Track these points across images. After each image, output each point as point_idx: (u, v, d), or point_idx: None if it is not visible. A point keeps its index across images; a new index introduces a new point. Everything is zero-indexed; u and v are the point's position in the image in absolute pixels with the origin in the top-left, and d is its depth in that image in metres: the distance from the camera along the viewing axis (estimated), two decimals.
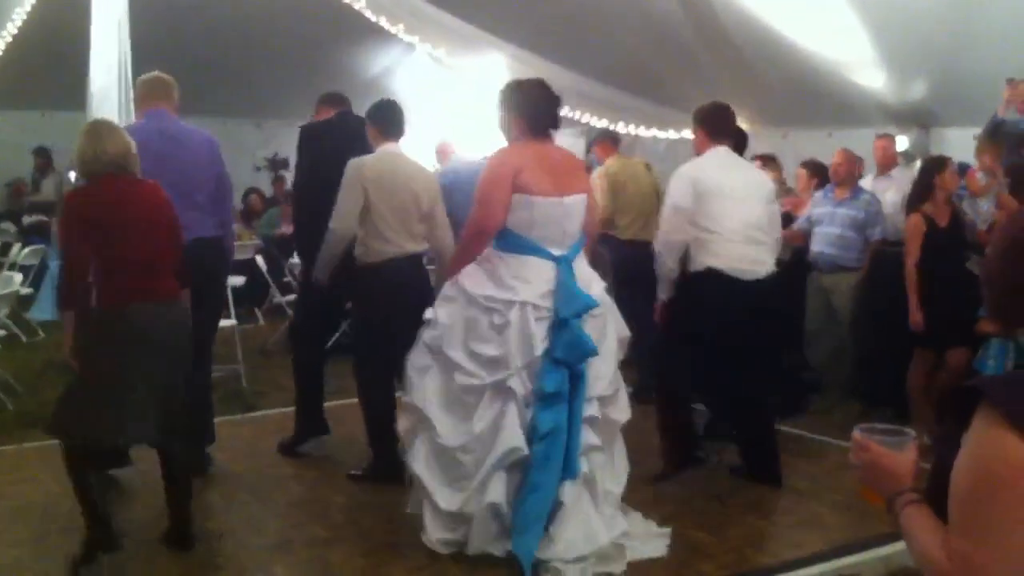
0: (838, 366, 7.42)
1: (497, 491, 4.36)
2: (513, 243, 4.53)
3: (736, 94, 10.50)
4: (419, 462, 4.50)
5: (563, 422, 4.36)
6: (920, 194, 6.40)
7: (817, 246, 7.40)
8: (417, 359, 4.60)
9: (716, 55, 9.89)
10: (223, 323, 7.93)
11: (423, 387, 4.53)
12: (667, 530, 4.74)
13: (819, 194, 7.61)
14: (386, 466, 5.43)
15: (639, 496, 5.35)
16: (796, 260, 7.80)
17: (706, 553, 4.57)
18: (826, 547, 4.68)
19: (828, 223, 7.34)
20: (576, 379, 4.41)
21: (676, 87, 10.77)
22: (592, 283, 4.65)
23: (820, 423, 6.80)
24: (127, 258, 4.25)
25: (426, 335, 4.59)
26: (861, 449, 1.99)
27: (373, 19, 10.12)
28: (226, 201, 5.86)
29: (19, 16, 9.83)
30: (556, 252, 4.52)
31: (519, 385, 4.38)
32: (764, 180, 5.89)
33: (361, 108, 6.65)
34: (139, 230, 4.30)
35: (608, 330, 4.64)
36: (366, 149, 5.65)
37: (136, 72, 8.32)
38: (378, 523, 4.89)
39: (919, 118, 9.20)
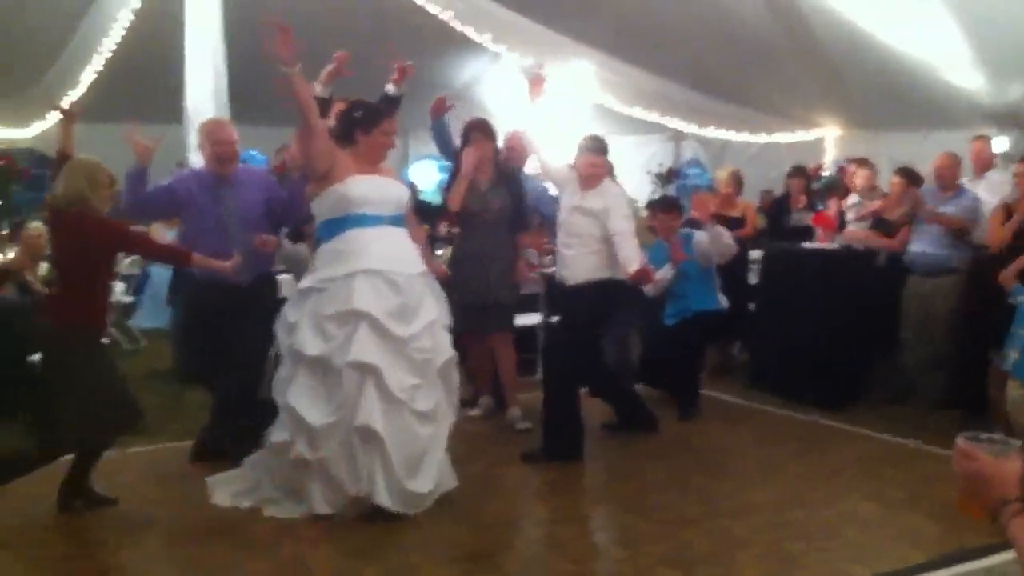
0: (934, 373, 7.26)
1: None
2: None
3: (825, 96, 10.38)
4: None
5: None
6: None
7: (917, 245, 7.26)
8: None
9: (805, 58, 9.75)
10: None
11: None
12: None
13: (921, 192, 7.48)
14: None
15: (732, 504, 5.30)
16: (891, 264, 7.67)
17: (800, 564, 4.49)
18: (925, 559, 4.56)
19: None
20: None
21: (765, 91, 10.65)
22: None
23: (916, 431, 6.63)
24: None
25: None
26: (966, 458, 1.94)
27: (460, 29, 10.19)
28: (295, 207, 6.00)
29: (116, 32, 10.11)
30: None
31: None
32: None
33: (448, 120, 6.72)
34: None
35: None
36: None
37: (231, 85, 8.53)
38: (465, 531, 4.92)
39: (1018, 119, 8.95)
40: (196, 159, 6.89)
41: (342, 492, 4.97)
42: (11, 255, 8.62)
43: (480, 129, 6.87)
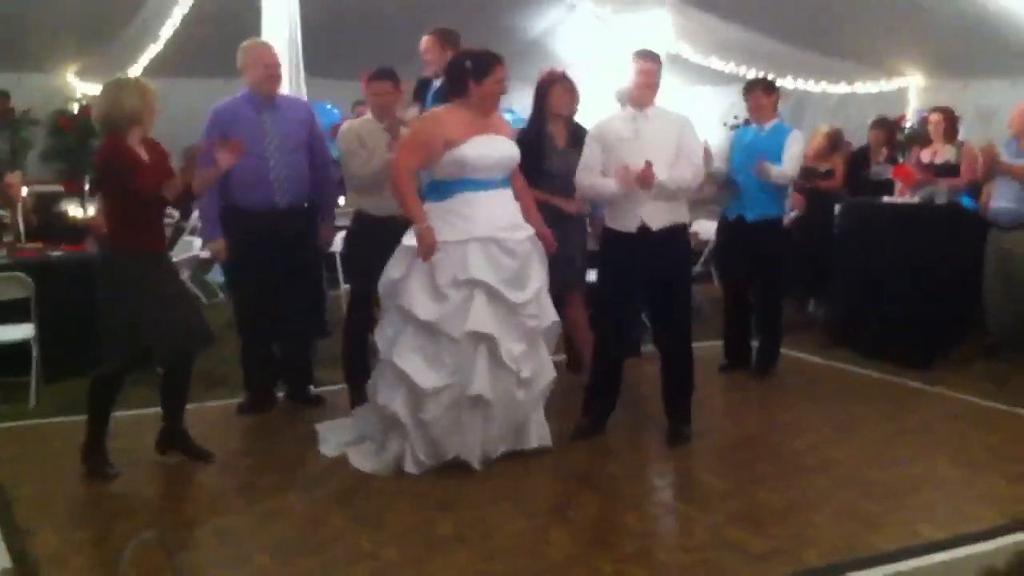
0: (1020, 332, 7.07)
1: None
2: None
3: (910, 43, 10.08)
4: None
5: None
6: None
7: (998, 201, 7.06)
8: None
9: (889, 2, 9.47)
10: None
11: None
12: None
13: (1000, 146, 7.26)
14: None
15: (807, 463, 5.24)
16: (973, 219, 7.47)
17: (876, 524, 4.43)
18: (1004, 521, 4.47)
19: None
20: None
21: (846, 38, 10.38)
22: None
23: (998, 392, 6.50)
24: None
25: None
26: None
27: None
28: (322, 168, 6.12)
29: None
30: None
31: None
32: None
33: (523, 71, 6.57)
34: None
35: None
36: None
37: (305, 37, 8.55)
38: (537, 486, 4.95)
39: None
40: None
41: (438, 455, 5.01)
42: (91, 210, 8.78)
43: (561, 83, 6.34)
